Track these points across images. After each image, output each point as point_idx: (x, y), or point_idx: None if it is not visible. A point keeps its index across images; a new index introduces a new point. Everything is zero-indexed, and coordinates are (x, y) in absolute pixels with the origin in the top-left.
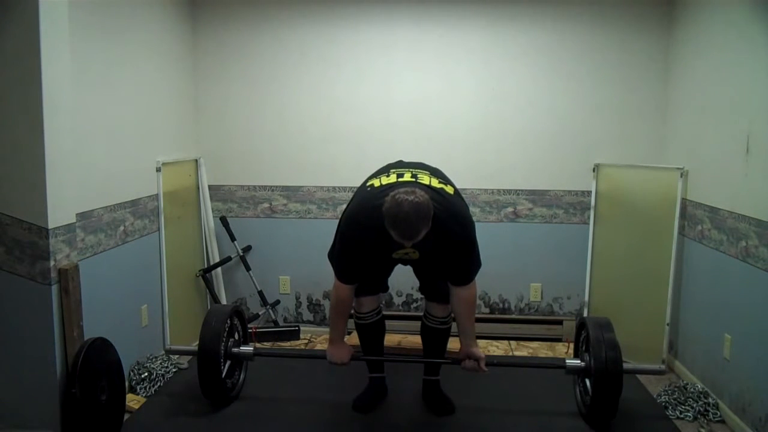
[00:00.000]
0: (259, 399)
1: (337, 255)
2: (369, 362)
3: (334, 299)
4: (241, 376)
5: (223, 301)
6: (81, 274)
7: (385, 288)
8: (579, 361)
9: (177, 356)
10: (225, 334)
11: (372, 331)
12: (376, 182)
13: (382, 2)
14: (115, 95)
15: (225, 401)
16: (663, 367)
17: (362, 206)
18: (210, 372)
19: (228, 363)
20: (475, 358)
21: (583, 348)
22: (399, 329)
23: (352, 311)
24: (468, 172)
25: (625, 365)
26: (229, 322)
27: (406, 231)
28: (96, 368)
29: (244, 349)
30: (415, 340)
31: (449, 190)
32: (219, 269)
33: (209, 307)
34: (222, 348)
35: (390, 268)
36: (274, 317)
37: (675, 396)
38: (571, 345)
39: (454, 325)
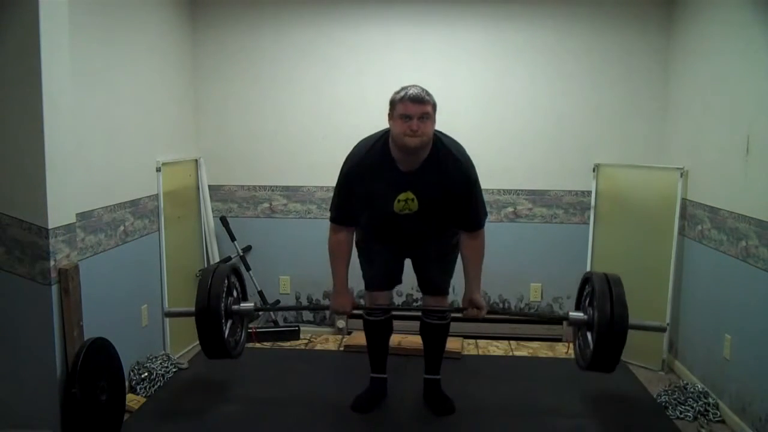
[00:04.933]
0: (259, 399)
1: (335, 194)
2: (372, 358)
3: (330, 245)
4: (243, 334)
5: None
6: (81, 274)
7: (399, 279)
8: (582, 314)
9: (177, 356)
10: (224, 293)
11: (379, 330)
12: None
13: (382, 2)
14: (115, 95)
15: (229, 359)
16: (665, 324)
17: (363, 141)
18: (212, 331)
19: (230, 322)
20: (477, 305)
21: (587, 302)
22: (399, 329)
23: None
24: None
25: (630, 323)
26: (227, 280)
27: (416, 91)
28: (96, 368)
29: (244, 306)
30: (416, 340)
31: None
32: None
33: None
34: (222, 307)
35: (393, 238)
36: (274, 317)
37: (675, 396)
38: (572, 345)
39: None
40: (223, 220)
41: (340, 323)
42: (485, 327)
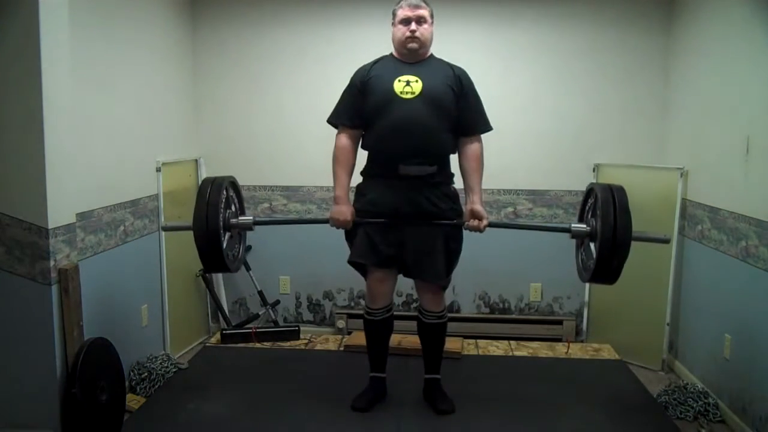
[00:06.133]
0: (259, 399)
1: (339, 100)
2: (371, 360)
3: (334, 151)
4: (240, 249)
5: (224, 302)
6: (81, 274)
7: (394, 259)
8: (584, 226)
9: (177, 356)
10: (222, 206)
11: (379, 329)
12: None
13: (383, 2)
14: (115, 95)
15: (226, 270)
16: (667, 236)
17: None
18: (210, 244)
19: (228, 234)
20: (477, 216)
21: (589, 214)
22: (399, 329)
23: (363, 306)
24: None
25: (633, 234)
26: (225, 193)
27: None
28: (96, 368)
29: (243, 219)
30: (415, 340)
31: None
32: None
33: (208, 293)
34: (221, 219)
35: (392, 130)
36: (274, 317)
37: (675, 396)
38: (571, 345)
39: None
40: None
41: (340, 323)
42: (485, 327)
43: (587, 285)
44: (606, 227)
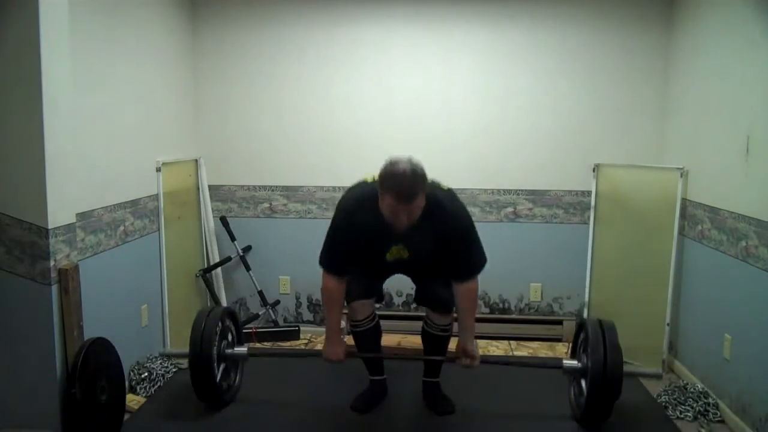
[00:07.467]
0: (258, 400)
1: (326, 243)
2: (368, 365)
3: (323, 295)
4: (237, 378)
5: (223, 301)
6: (81, 274)
7: (380, 295)
8: (576, 362)
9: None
10: (217, 336)
11: (368, 337)
12: (369, 177)
13: (382, 2)
14: (115, 95)
15: (221, 404)
16: (661, 371)
17: (355, 194)
18: (203, 376)
19: (222, 365)
20: (470, 355)
21: (581, 349)
22: (399, 329)
23: (348, 320)
24: (468, 172)
25: (624, 368)
26: (221, 324)
27: (403, 190)
28: (96, 368)
29: (238, 350)
30: (415, 340)
31: (444, 186)
32: (219, 269)
33: (208, 293)
34: (215, 350)
35: (383, 272)
36: (274, 317)
37: (675, 396)
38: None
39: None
40: (223, 220)
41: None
42: (485, 327)
43: (587, 285)
44: (596, 366)
